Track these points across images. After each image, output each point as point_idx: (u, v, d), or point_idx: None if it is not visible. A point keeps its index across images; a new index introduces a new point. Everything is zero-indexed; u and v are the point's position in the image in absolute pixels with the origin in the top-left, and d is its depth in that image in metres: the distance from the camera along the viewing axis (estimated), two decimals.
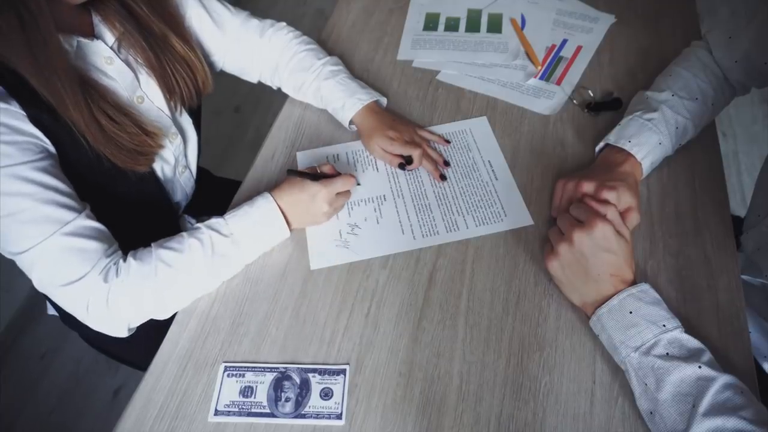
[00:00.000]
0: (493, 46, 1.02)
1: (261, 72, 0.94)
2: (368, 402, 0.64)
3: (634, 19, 1.06)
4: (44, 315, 0.96)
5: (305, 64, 0.90)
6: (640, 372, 0.59)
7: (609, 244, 0.64)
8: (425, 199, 0.81)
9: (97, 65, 0.70)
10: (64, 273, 0.63)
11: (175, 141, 0.80)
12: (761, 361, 0.81)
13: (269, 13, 0.96)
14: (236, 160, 1.92)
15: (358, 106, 0.85)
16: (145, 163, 0.74)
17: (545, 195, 0.81)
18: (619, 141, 0.76)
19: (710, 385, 0.55)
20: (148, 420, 0.63)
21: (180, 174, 0.85)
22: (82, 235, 0.63)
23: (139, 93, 0.75)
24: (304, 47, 0.92)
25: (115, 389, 1.49)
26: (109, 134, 0.66)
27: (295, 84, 0.91)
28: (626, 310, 0.61)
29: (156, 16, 0.74)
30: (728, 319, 0.67)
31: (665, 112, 0.78)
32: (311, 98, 0.91)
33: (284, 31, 0.93)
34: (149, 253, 0.68)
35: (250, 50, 0.91)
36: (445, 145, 0.88)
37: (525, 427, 0.61)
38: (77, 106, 0.62)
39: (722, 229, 0.76)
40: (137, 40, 0.72)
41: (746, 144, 1.99)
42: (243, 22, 0.89)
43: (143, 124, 0.72)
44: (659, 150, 0.77)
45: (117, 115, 0.68)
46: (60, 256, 0.63)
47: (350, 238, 0.77)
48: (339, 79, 0.88)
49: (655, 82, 0.85)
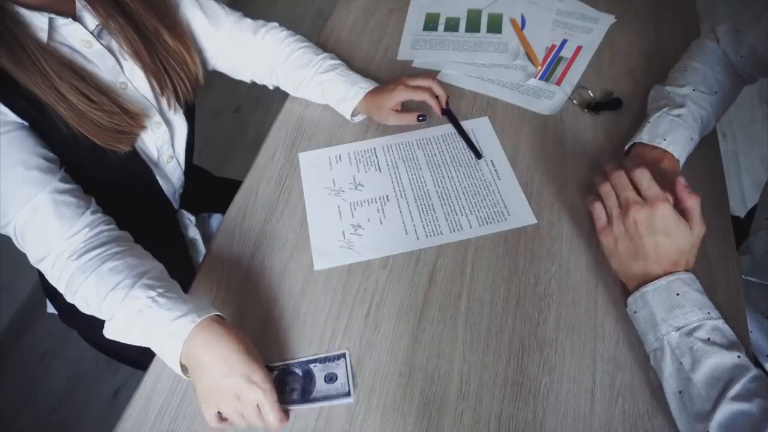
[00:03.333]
0: (493, 46, 1.02)
1: (254, 71, 0.94)
2: (368, 402, 0.64)
3: (634, 19, 1.06)
4: (44, 315, 0.96)
5: (303, 60, 0.91)
6: (677, 350, 0.59)
7: (667, 228, 0.63)
8: (428, 200, 0.81)
9: (74, 47, 0.69)
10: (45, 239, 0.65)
11: (158, 130, 0.80)
12: (762, 360, 0.81)
13: (269, 13, 0.97)
14: (236, 160, 1.92)
15: (361, 95, 0.86)
16: (126, 142, 0.73)
17: (546, 195, 0.81)
18: (654, 140, 0.76)
19: (744, 373, 0.56)
20: (148, 420, 0.63)
21: (165, 163, 0.84)
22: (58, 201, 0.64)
23: (122, 79, 0.74)
24: (300, 45, 0.92)
25: (115, 390, 1.49)
26: (84, 112, 0.66)
27: (295, 81, 0.91)
28: (673, 292, 0.62)
29: (147, 11, 0.73)
30: (728, 319, 0.66)
31: (691, 107, 0.78)
32: (311, 94, 0.92)
33: (277, 30, 0.93)
34: (86, 269, 0.63)
35: (243, 48, 0.90)
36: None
37: (525, 428, 0.61)
38: (44, 81, 0.63)
39: (722, 229, 0.76)
40: (127, 31, 0.72)
41: (746, 144, 1.99)
42: (237, 20, 0.90)
43: (124, 104, 0.71)
44: (690, 145, 0.77)
45: (94, 94, 0.68)
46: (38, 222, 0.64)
47: (354, 239, 0.77)
48: (339, 71, 0.89)
49: (671, 77, 0.85)
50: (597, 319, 0.69)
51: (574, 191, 0.81)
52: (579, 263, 0.74)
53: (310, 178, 0.85)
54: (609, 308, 0.69)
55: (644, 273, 0.65)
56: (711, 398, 0.56)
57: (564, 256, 0.74)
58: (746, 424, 0.53)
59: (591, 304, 0.70)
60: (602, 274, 0.72)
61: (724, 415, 0.54)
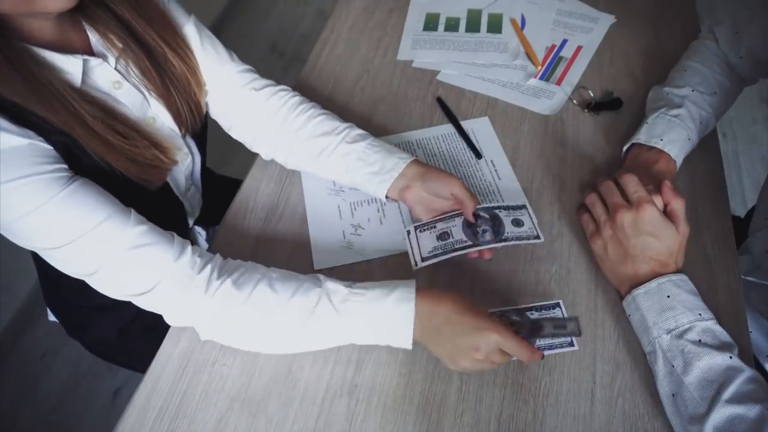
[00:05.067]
0: (493, 46, 1.02)
1: (246, 133, 0.82)
2: (368, 402, 0.64)
3: (634, 19, 1.06)
4: (44, 315, 0.96)
5: (326, 127, 0.77)
6: (669, 353, 0.60)
7: (654, 229, 0.64)
8: None
9: (104, 90, 0.65)
10: (134, 286, 0.60)
11: (186, 161, 0.78)
12: (762, 360, 0.81)
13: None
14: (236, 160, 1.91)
15: (401, 166, 0.73)
16: (158, 177, 0.70)
17: (546, 195, 0.81)
18: (650, 140, 0.76)
19: (738, 375, 0.56)
20: (148, 420, 0.63)
21: (186, 190, 0.83)
22: (143, 245, 0.60)
23: (151, 114, 0.71)
24: (320, 111, 0.80)
25: (114, 390, 1.49)
26: (118, 149, 0.63)
27: (313, 151, 0.77)
28: (664, 294, 0.62)
29: (152, 27, 0.68)
30: (728, 318, 0.67)
31: (689, 107, 0.78)
32: (333, 167, 0.77)
33: (288, 93, 0.81)
34: (250, 281, 0.62)
35: (241, 102, 0.79)
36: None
37: (525, 428, 0.61)
38: (77, 122, 0.59)
39: (722, 229, 0.76)
40: (140, 59, 0.67)
41: (746, 144, 1.99)
42: (242, 69, 0.80)
43: (155, 138, 0.68)
44: (688, 146, 0.77)
45: (127, 131, 0.64)
46: (125, 272, 0.60)
47: (354, 239, 0.77)
48: (370, 141, 0.76)
49: (670, 78, 0.85)
50: (597, 320, 0.69)
51: (575, 191, 0.81)
52: (579, 263, 0.74)
53: (310, 178, 0.85)
54: (609, 308, 0.69)
55: (634, 275, 0.65)
56: (704, 400, 0.56)
57: (564, 256, 0.74)
58: (743, 428, 0.53)
59: (591, 304, 0.70)
60: (602, 274, 0.72)
61: (719, 418, 0.54)
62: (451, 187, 0.70)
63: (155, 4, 0.69)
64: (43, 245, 0.58)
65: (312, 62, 1.02)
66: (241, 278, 0.62)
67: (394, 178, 0.72)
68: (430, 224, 0.72)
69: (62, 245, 0.57)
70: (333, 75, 1.00)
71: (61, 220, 0.57)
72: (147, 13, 0.67)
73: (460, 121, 0.91)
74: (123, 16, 0.65)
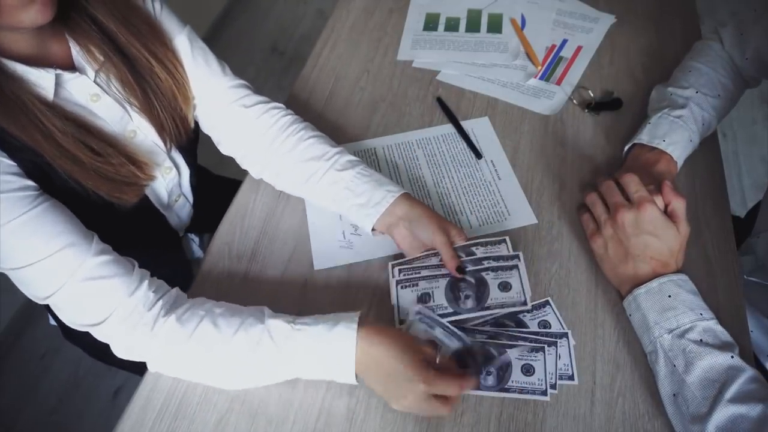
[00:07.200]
0: (493, 46, 1.02)
1: (235, 150, 0.80)
2: (368, 402, 0.63)
3: (634, 20, 1.06)
4: (44, 315, 0.96)
5: (315, 151, 0.75)
6: (670, 353, 0.60)
7: (655, 228, 0.64)
8: (428, 200, 0.81)
9: (79, 102, 0.64)
10: (85, 316, 0.60)
11: (169, 175, 0.77)
12: (763, 360, 0.81)
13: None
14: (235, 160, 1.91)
15: (389, 199, 0.70)
16: (134, 194, 0.68)
17: (546, 195, 0.81)
18: (653, 141, 0.76)
19: (739, 374, 0.56)
20: (148, 420, 0.63)
21: (174, 202, 0.82)
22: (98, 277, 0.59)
23: (131, 127, 0.70)
24: (312, 133, 0.77)
25: (115, 390, 1.49)
26: (89, 166, 0.61)
27: (301, 176, 0.75)
28: (665, 294, 0.62)
29: (137, 39, 0.66)
30: (729, 318, 0.67)
31: (693, 108, 0.78)
32: (319, 194, 0.75)
33: (280, 112, 0.78)
34: (193, 318, 0.61)
35: (230, 118, 0.77)
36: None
37: (525, 427, 0.61)
38: (45, 139, 0.57)
39: (722, 229, 0.76)
40: (122, 72, 0.66)
41: (746, 144, 1.99)
42: (234, 84, 0.77)
43: (132, 155, 0.67)
44: (690, 147, 0.77)
45: (101, 147, 0.63)
46: (79, 300, 0.60)
47: (354, 239, 0.77)
48: (360, 169, 0.73)
49: (673, 77, 0.85)
50: (597, 320, 0.69)
51: (575, 191, 0.81)
52: (579, 263, 0.74)
53: None
54: (609, 308, 0.69)
55: (635, 274, 0.65)
56: (706, 400, 0.56)
57: (564, 256, 0.74)
58: (745, 427, 0.53)
59: (591, 304, 0.70)
60: (602, 274, 0.72)
61: (722, 417, 0.54)
62: (434, 242, 0.68)
63: (144, 15, 0.68)
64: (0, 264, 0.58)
65: (312, 62, 1.02)
66: (185, 314, 0.61)
67: (380, 213, 0.70)
68: (413, 276, 0.70)
69: (18, 267, 0.57)
70: (333, 75, 1.00)
71: (21, 242, 0.56)
72: (134, 25, 0.66)
73: (460, 121, 0.91)
74: (108, 27, 0.64)
